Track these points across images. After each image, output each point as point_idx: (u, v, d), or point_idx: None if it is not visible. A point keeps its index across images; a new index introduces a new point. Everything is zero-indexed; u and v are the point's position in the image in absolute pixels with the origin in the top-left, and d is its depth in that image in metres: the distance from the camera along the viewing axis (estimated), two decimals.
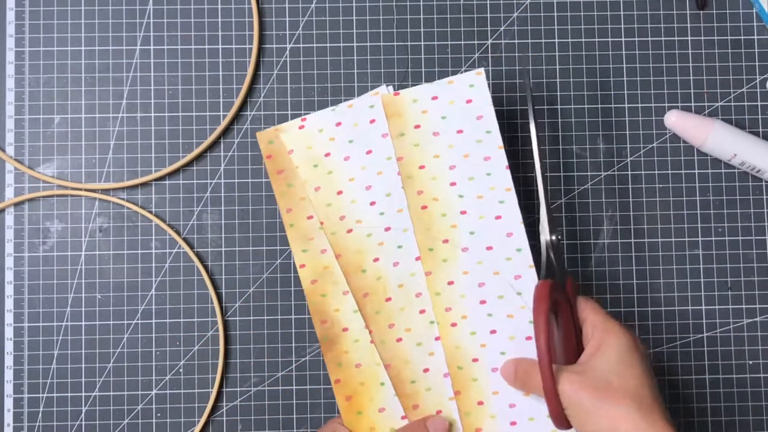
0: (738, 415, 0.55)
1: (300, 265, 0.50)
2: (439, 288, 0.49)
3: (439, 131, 0.50)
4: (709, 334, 0.55)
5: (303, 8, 0.56)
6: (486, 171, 0.50)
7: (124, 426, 0.54)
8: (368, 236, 0.50)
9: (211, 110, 0.56)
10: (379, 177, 0.50)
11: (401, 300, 0.49)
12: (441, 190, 0.50)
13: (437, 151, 0.50)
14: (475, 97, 0.50)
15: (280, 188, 0.50)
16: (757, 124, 0.56)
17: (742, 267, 0.55)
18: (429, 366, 0.49)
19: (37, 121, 0.55)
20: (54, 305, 0.54)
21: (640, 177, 0.56)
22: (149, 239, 0.55)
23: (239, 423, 0.54)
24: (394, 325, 0.49)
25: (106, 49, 0.56)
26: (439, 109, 0.50)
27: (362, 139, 0.50)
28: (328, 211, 0.50)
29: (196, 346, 0.54)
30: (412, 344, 0.49)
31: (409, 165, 0.50)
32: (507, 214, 0.49)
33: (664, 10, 0.56)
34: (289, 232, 0.50)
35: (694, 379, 0.55)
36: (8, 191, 0.55)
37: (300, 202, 0.50)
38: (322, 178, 0.50)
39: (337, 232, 0.50)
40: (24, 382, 0.54)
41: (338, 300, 0.49)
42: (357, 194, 0.50)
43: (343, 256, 0.49)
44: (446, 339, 0.49)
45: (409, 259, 0.49)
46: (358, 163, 0.50)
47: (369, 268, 0.49)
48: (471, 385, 0.48)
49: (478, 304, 0.49)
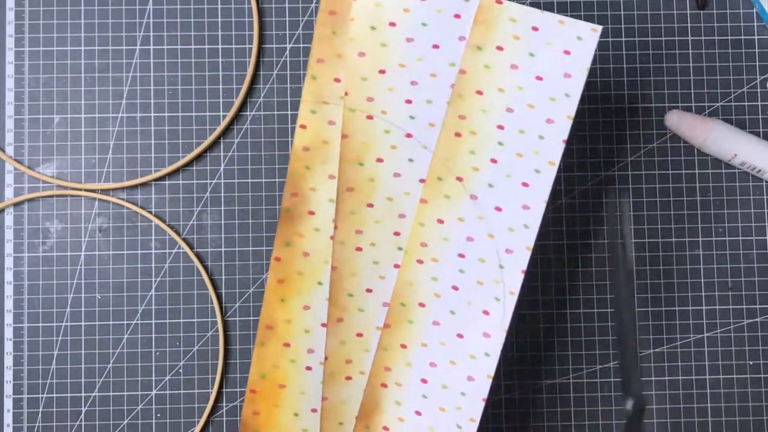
0: (738, 416, 0.55)
1: (300, 125, 0.44)
2: (426, 221, 0.45)
3: (519, 66, 0.43)
4: (709, 334, 0.55)
5: (303, 8, 0.56)
6: (541, 133, 0.44)
7: (123, 426, 0.54)
8: (385, 132, 0.44)
9: (211, 110, 0.56)
10: (430, 79, 0.44)
11: (382, 212, 0.45)
12: (484, 127, 0.44)
13: (504, 85, 0.44)
14: (576, 52, 0.43)
15: (323, 31, 0.43)
16: (757, 124, 0.56)
17: (742, 267, 0.55)
18: (374, 288, 0.45)
19: (36, 121, 0.55)
20: (54, 305, 0.54)
21: (640, 177, 0.56)
22: (149, 239, 0.55)
23: (239, 423, 0.54)
24: (361, 233, 0.45)
25: (106, 49, 0.56)
26: (533, 44, 0.43)
27: (436, 30, 0.43)
28: (359, 85, 0.44)
29: (196, 347, 0.54)
30: (368, 259, 0.45)
31: (468, 84, 0.44)
32: (536, 186, 0.44)
33: (664, 10, 0.56)
34: (308, 84, 0.44)
35: (694, 379, 0.55)
36: (8, 191, 0.55)
37: (335, 58, 0.44)
38: (372, 45, 0.44)
39: (357, 111, 0.44)
40: (24, 383, 0.54)
41: (320, 180, 0.44)
42: (398, 83, 0.44)
43: (349, 139, 0.44)
44: (405, 271, 0.45)
45: (412, 178, 0.45)
46: (418, 53, 0.44)
47: (367, 165, 0.44)
48: (404, 326, 0.45)
49: (455, 255, 0.45)
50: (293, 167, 0.44)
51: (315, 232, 0.45)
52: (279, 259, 0.45)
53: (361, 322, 0.46)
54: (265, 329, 0.46)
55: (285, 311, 0.46)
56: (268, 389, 0.46)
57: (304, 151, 0.44)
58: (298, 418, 0.47)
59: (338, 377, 0.47)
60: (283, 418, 0.47)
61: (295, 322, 0.45)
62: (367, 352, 0.46)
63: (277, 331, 0.46)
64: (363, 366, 0.47)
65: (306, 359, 0.46)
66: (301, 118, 0.44)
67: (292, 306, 0.45)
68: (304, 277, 0.45)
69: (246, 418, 0.47)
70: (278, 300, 0.45)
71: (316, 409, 0.47)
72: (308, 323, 0.46)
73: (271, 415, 0.47)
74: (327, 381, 0.46)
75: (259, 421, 0.47)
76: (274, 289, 0.45)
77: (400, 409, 0.47)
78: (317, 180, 0.44)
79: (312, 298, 0.45)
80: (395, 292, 0.45)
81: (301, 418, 0.47)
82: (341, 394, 0.47)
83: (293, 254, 0.45)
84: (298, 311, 0.45)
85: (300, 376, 0.46)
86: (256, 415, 0.47)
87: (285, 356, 0.46)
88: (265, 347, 0.46)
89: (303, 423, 0.47)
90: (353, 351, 0.47)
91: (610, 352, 0.55)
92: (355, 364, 0.47)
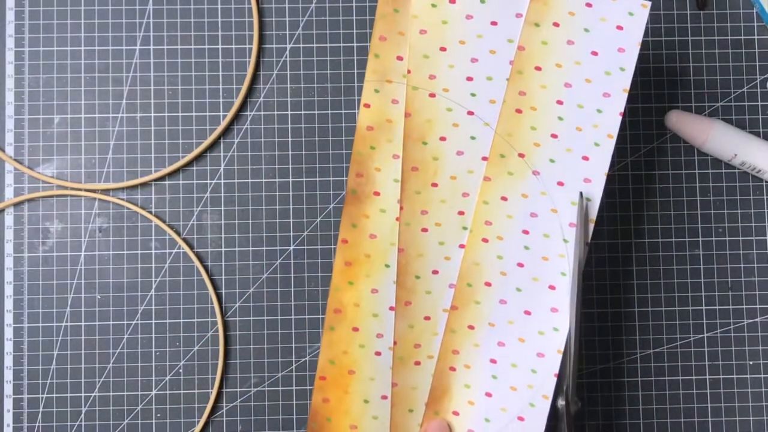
0: (738, 416, 0.55)
1: (365, 104, 0.44)
2: (490, 198, 0.45)
3: (575, 42, 0.45)
4: (709, 334, 0.55)
5: (303, 8, 0.56)
6: (598, 107, 0.45)
7: (123, 426, 0.54)
8: (448, 110, 0.45)
9: (211, 110, 0.56)
10: (490, 56, 0.45)
11: (446, 192, 0.45)
12: (544, 102, 0.45)
13: (562, 61, 0.45)
14: (628, 27, 0.44)
15: (385, 9, 0.44)
16: (757, 124, 0.56)
17: (742, 267, 0.55)
18: (440, 269, 0.45)
19: (36, 121, 0.55)
20: (54, 305, 0.54)
21: (640, 177, 0.56)
22: (149, 239, 0.55)
23: (239, 423, 0.54)
24: (427, 213, 0.45)
25: (106, 49, 0.56)
26: (587, 20, 0.44)
27: (494, 7, 0.44)
28: (421, 63, 0.44)
29: (196, 347, 0.54)
30: (434, 240, 0.45)
31: (527, 60, 0.45)
32: (596, 159, 0.45)
33: (664, 10, 0.56)
34: (371, 62, 0.44)
35: (694, 379, 0.55)
36: (8, 191, 0.55)
37: (397, 36, 0.44)
38: (433, 23, 0.44)
39: (420, 88, 0.44)
40: (24, 383, 0.54)
41: (384, 161, 0.45)
42: (459, 61, 0.44)
43: (412, 117, 0.44)
44: (470, 251, 0.45)
45: (474, 156, 0.45)
46: (477, 30, 0.44)
47: (431, 143, 0.45)
48: (471, 306, 0.45)
49: (520, 232, 0.45)
50: (358, 148, 0.44)
51: (381, 213, 0.45)
52: (346, 242, 0.45)
53: (429, 305, 0.45)
54: (333, 313, 0.45)
55: (353, 295, 0.45)
56: (337, 375, 0.46)
57: (368, 131, 0.44)
58: (369, 405, 0.46)
59: (407, 362, 0.46)
60: (353, 404, 0.46)
61: (363, 305, 0.45)
62: (436, 335, 0.45)
63: (346, 315, 0.45)
64: (432, 350, 0.46)
65: (375, 344, 0.46)
66: (365, 97, 0.44)
67: (360, 289, 0.45)
68: (372, 260, 0.45)
69: (316, 405, 0.46)
70: (346, 283, 0.45)
71: (386, 395, 0.46)
72: (376, 307, 0.45)
73: (342, 401, 0.46)
74: (396, 366, 0.46)
75: (329, 408, 0.46)
76: (342, 272, 0.45)
77: (470, 392, 0.46)
78: (382, 160, 0.45)
79: (380, 281, 0.45)
80: (461, 273, 0.45)
81: (372, 404, 0.46)
82: (411, 380, 0.46)
83: (360, 236, 0.45)
84: (366, 295, 0.45)
85: (369, 362, 0.46)
86: (326, 402, 0.46)
87: (354, 341, 0.46)
88: (335, 332, 0.46)
89: (373, 410, 0.46)
90: (422, 335, 0.46)
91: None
92: (423, 348, 0.46)
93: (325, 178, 0.55)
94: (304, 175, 0.55)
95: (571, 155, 0.45)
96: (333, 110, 0.55)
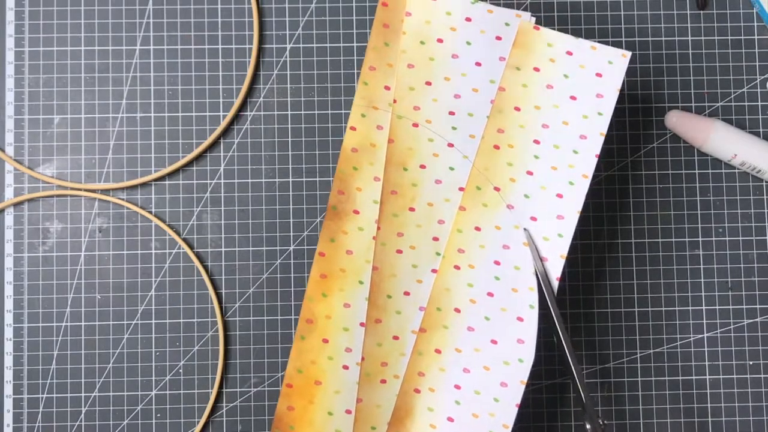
0: (738, 416, 0.55)
1: (351, 127, 0.47)
2: (464, 227, 0.47)
3: (554, 86, 0.47)
4: (709, 334, 0.55)
5: (303, 8, 0.56)
6: (575, 147, 0.47)
7: (123, 426, 0.54)
8: (429, 140, 0.47)
9: (211, 110, 0.56)
10: (473, 93, 0.47)
11: (422, 217, 0.47)
12: (521, 141, 0.47)
13: (540, 103, 0.47)
14: (607, 74, 0.47)
15: (376, 42, 0.47)
16: (757, 124, 0.56)
17: (742, 267, 0.55)
18: (411, 291, 0.47)
19: (36, 121, 0.55)
20: (54, 305, 0.54)
21: (640, 177, 0.56)
22: (149, 239, 0.55)
23: (239, 423, 0.54)
24: (402, 235, 0.47)
25: (106, 49, 0.56)
26: (567, 66, 0.47)
27: (479, 49, 0.47)
28: (406, 94, 0.47)
29: (196, 347, 0.54)
30: (408, 262, 0.47)
31: (507, 100, 0.47)
32: (570, 197, 0.47)
33: (664, 10, 0.56)
34: (360, 89, 0.47)
35: (694, 379, 0.55)
36: (8, 191, 0.55)
37: (386, 67, 0.47)
38: (421, 59, 0.47)
39: (404, 117, 0.47)
40: (24, 383, 0.54)
41: (365, 182, 0.47)
42: (442, 96, 0.47)
43: (395, 144, 0.47)
44: (442, 276, 0.47)
45: (451, 185, 0.47)
46: (461, 68, 0.47)
47: (411, 170, 0.47)
48: (439, 330, 0.47)
49: (491, 262, 0.47)
50: (342, 167, 0.47)
51: (359, 231, 0.47)
52: (323, 254, 0.47)
53: (398, 325, 0.47)
54: (305, 323, 0.47)
55: (326, 307, 0.47)
56: (304, 385, 0.47)
57: (353, 152, 0.47)
58: (332, 418, 0.47)
59: (374, 379, 0.47)
60: (317, 415, 0.47)
61: (335, 318, 0.47)
62: (403, 355, 0.47)
63: (318, 325, 0.47)
64: (398, 370, 0.47)
65: (343, 357, 0.47)
66: (352, 120, 0.47)
67: (333, 302, 0.47)
68: (347, 275, 0.47)
69: (280, 413, 0.47)
70: (320, 295, 0.47)
71: (350, 410, 0.47)
72: (347, 321, 0.47)
73: (306, 411, 0.47)
74: (362, 382, 0.47)
75: (293, 416, 0.47)
76: (317, 283, 0.47)
77: (433, 415, 0.47)
78: (364, 180, 0.47)
79: (353, 297, 0.47)
80: (432, 297, 0.47)
81: (335, 417, 0.47)
82: (375, 397, 0.47)
83: (337, 251, 0.47)
84: (338, 308, 0.47)
85: (336, 374, 0.47)
86: (290, 411, 0.47)
87: (323, 352, 0.47)
88: (305, 341, 0.47)
89: (336, 423, 0.47)
90: (389, 354, 0.47)
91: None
92: (390, 367, 0.47)
93: (325, 178, 0.55)
94: (304, 175, 0.55)
95: (546, 192, 0.47)
96: (333, 110, 0.55)
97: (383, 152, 0.47)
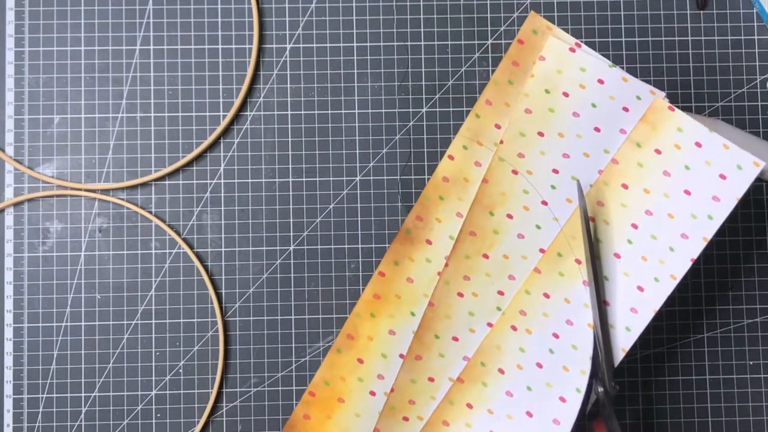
0: (738, 416, 0.55)
1: (449, 155, 0.45)
2: (533, 290, 0.45)
3: (672, 174, 0.44)
4: (709, 334, 0.55)
5: (303, 8, 0.56)
6: (672, 244, 0.44)
7: (123, 426, 0.54)
8: (524, 192, 0.45)
9: (211, 110, 0.56)
10: (582, 157, 0.45)
11: (494, 267, 0.45)
12: (619, 220, 0.44)
13: (651, 188, 0.45)
14: (732, 179, 0.44)
15: (500, 77, 0.45)
16: (757, 124, 0.56)
17: (742, 267, 0.55)
18: (461, 338, 0.45)
19: (36, 121, 0.55)
20: (54, 305, 0.54)
21: None
22: (149, 239, 0.55)
23: (239, 423, 0.54)
24: (468, 279, 0.45)
25: (106, 49, 0.56)
26: (691, 158, 0.44)
27: (603, 115, 0.45)
28: (516, 139, 0.45)
29: (196, 347, 0.54)
30: (466, 308, 0.45)
31: (617, 174, 0.45)
32: (651, 293, 0.44)
33: (664, 10, 0.56)
34: (470, 120, 0.45)
35: (694, 379, 0.55)
36: (8, 191, 0.55)
37: (502, 106, 0.45)
38: (541, 107, 0.45)
39: (506, 161, 0.45)
40: (24, 383, 0.54)
41: (447, 214, 0.45)
42: (552, 151, 0.45)
43: (489, 185, 0.45)
44: (496, 332, 0.45)
45: (534, 242, 0.45)
46: (579, 129, 0.45)
47: (497, 216, 0.45)
48: (477, 386, 0.45)
49: (550, 334, 0.45)
50: (428, 193, 0.45)
51: (426, 262, 0.45)
52: (383, 275, 0.45)
53: (437, 368, 0.45)
54: (346, 337, 0.46)
55: (371, 328, 0.45)
56: (327, 398, 0.46)
57: (443, 181, 0.45)
58: None
59: (397, 414, 0.46)
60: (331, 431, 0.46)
61: (376, 342, 0.45)
62: (433, 399, 0.45)
63: (357, 344, 0.46)
64: (423, 412, 0.46)
65: (373, 383, 0.46)
66: (452, 149, 0.45)
67: (379, 325, 0.45)
68: (401, 302, 0.45)
69: (295, 420, 0.46)
70: (369, 314, 0.45)
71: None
72: (388, 348, 0.45)
73: (322, 425, 0.46)
74: (385, 413, 0.46)
75: (307, 426, 0.46)
76: (368, 302, 0.45)
77: None
78: (446, 213, 0.45)
79: (400, 326, 0.45)
80: (479, 350, 0.45)
81: None
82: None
83: (398, 275, 0.45)
84: (383, 333, 0.45)
85: (362, 398, 0.46)
86: (306, 419, 0.46)
87: (355, 372, 0.46)
88: (340, 356, 0.46)
89: None
90: (420, 393, 0.46)
91: None
92: (417, 407, 0.46)
93: (325, 178, 0.55)
94: (304, 175, 0.55)
95: (627, 280, 0.44)
96: (333, 110, 0.55)
97: (474, 190, 0.45)
